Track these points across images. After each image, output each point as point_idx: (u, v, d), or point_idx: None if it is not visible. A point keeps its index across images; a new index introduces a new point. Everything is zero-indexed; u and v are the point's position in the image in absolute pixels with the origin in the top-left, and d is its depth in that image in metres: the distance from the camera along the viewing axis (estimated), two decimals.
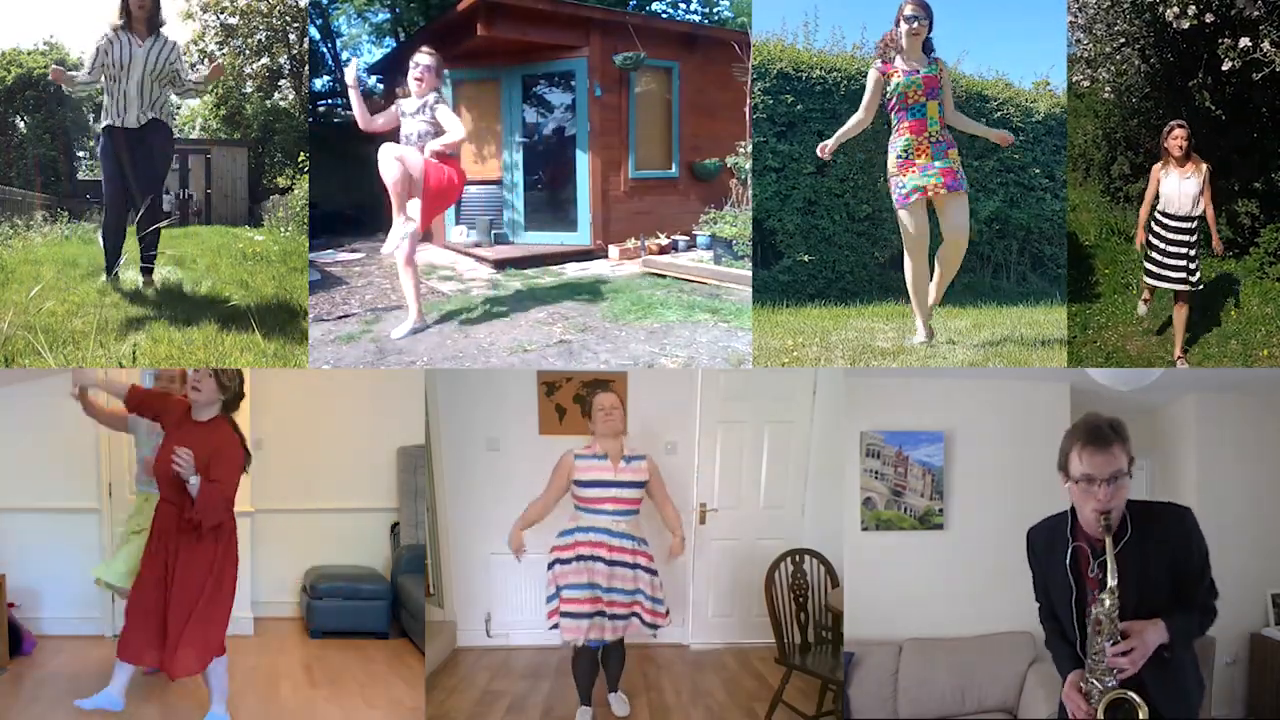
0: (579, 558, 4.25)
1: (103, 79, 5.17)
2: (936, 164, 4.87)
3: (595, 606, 4.23)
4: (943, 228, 5.02)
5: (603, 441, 4.34)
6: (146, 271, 5.38)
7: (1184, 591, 2.73)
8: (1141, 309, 5.48)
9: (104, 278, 5.35)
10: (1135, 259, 5.79)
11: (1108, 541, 2.66)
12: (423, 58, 5.24)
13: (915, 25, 4.77)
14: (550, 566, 4.35)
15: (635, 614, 4.30)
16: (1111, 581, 2.65)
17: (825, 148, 5.02)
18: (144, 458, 4.39)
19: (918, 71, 4.82)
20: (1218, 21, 5.12)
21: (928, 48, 4.88)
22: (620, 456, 4.32)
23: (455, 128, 5.23)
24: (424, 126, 5.23)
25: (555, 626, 4.30)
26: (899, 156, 4.92)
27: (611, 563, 4.25)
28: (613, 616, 4.27)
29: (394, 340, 5.19)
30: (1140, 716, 2.66)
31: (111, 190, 5.26)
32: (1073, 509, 2.83)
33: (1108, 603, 2.66)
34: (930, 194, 4.89)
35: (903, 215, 4.98)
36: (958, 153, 4.96)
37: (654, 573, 4.36)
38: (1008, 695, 4.50)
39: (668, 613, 4.46)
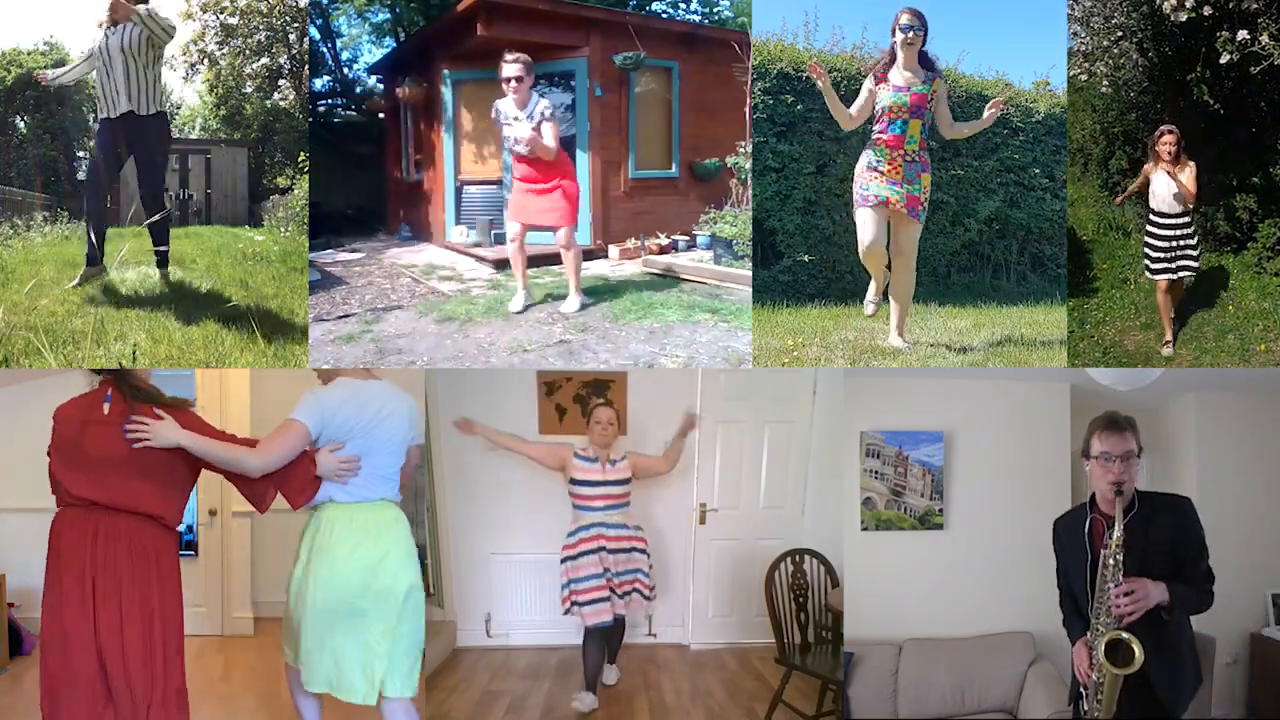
0: (584, 553, 4.66)
1: (94, 74, 5.20)
2: (904, 188, 4.82)
3: (606, 590, 4.66)
4: (891, 250, 4.95)
5: (595, 449, 4.78)
6: (162, 263, 5.42)
7: (1183, 570, 3.10)
8: (1167, 351, 5.32)
9: (82, 270, 5.34)
10: (1133, 253, 5.79)
11: (1117, 505, 3.04)
12: (509, 69, 5.53)
13: (910, 35, 4.68)
14: (562, 562, 4.73)
15: (636, 590, 4.75)
16: (1118, 533, 3.02)
17: (818, 71, 4.74)
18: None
19: (908, 89, 4.74)
20: (1216, 14, 5.10)
21: (925, 61, 4.78)
22: (607, 460, 4.78)
23: (551, 144, 5.61)
24: (527, 133, 5.57)
25: (567, 612, 4.69)
26: (869, 165, 4.86)
27: (614, 551, 4.70)
28: (621, 594, 4.71)
29: (512, 313, 5.75)
30: (1135, 654, 2.95)
31: (92, 180, 5.38)
32: (1092, 497, 3.22)
33: (1114, 555, 3.02)
34: (891, 208, 4.83)
35: (860, 215, 4.89)
36: (930, 179, 4.90)
37: (647, 554, 4.84)
38: (1008, 695, 4.50)
39: (654, 588, 4.89)
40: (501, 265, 7.37)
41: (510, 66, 5.54)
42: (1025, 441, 4.82)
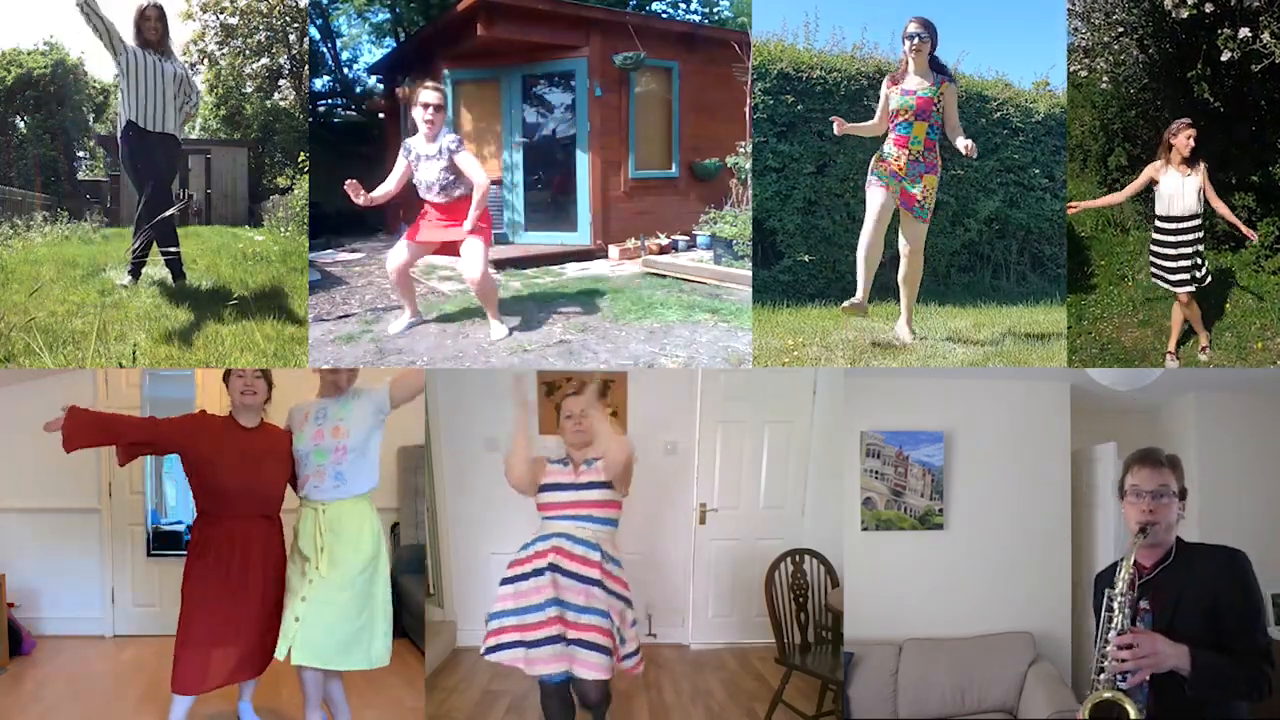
0: (534, 571, 3.61)
1: (125, 80, 5.12)
2: (903, 183, 5.04)
3: (554, 630, 3.55)
4: (899, 240, 5.16)
5: (570, 451, 3.84)
6: (177, 273, 5.44)
7: (1224, 639, 2.55)
8: (1170, 363, 5.18)
9: (127, 279, 5.35)
10: (1131, 250, 5.80)
11: (1134, 545, 2.66)
12: (429, 95, 5.02)
13: (916, 43, 4.95)
14: (501, 584, 3.71)
15: (584, 642, 3.56)
16: (1125, 573, 2.60)
17: (840, 123, 5.04)
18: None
19: (915, 93, 4.98)
20: (1217, 11, 5.10)
21: (935, 66, 5.02)
22: (582, 461, 3.78)
23: (479, 175, 5.14)
24: (442, 175, 5.16)
25: (489, 653, 3.65)
26: (880, 155, 5.12)
27: (574, 575, 3.58)
28: (587, 645, 3.54)
29: (391, 336, 5.25)
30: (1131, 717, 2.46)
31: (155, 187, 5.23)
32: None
33: (1118, 599, 2.60)
34: (894, 196, 5.06)
35: (870, 191, 5.12)
36: (936, 180, 5.09)
37: (626, 601, 3.70)
38: (1008, 695, 4.50)
39: (638, 652, 3.73)
40: (501, 265, 7.38)
41: (429, 93, 5.03)
42: (1025, 441, 4.82)
